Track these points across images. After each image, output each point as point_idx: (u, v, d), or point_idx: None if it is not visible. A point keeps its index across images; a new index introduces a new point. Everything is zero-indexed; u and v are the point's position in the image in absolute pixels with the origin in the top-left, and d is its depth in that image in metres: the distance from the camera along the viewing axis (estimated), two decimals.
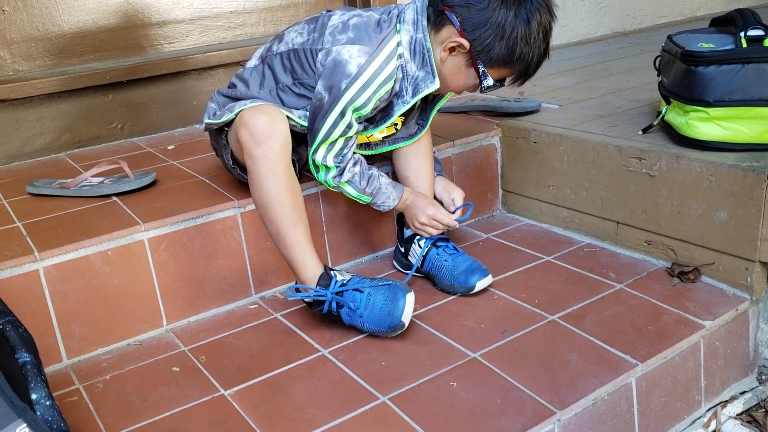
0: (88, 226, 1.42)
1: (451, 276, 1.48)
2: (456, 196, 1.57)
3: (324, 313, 1.35)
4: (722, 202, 1.40)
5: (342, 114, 1.34)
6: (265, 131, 1.30)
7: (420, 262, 1.55)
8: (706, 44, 1.45)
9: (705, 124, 1.45)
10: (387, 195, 1.50)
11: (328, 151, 1.39)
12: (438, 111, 2.08)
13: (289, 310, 1.50)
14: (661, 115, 1.60)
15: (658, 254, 1.56)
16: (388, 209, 1.52)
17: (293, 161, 1.43)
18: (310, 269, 1.35)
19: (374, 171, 1.48)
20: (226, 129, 1.48)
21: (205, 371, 1.31)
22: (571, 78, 2.36)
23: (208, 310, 1.52)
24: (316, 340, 1.37)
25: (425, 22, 1.36)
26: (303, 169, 1.63)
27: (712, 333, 1.33)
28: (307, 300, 1.38)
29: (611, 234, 1.66)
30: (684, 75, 1.47)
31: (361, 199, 1.49)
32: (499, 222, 1.89)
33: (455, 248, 1.54)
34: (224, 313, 1.52)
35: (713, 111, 1.43)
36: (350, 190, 1.47)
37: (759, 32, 1.41)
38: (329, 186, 1.46)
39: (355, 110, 1.35)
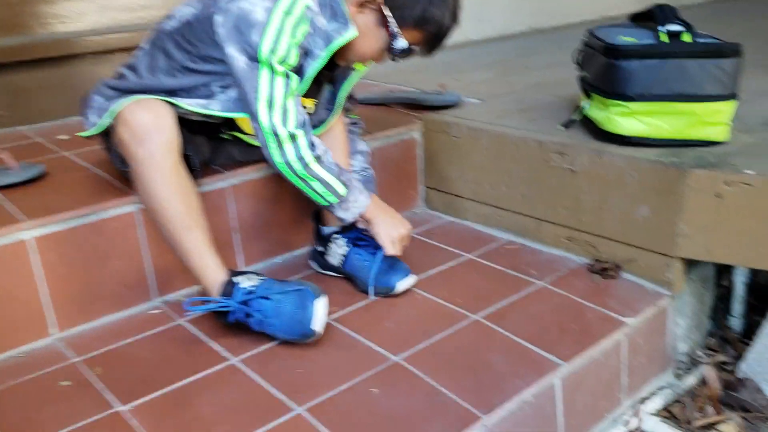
0: None
1: (372, 277, 1.41)
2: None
3: (231, 323, 1.25)
4: (644, 198, 1.39)
5: (271, 68, 1.21)
6: (146, 128, 1.17)
7: (340, 262, 1.46)
8: (627, 38, 1.44)
9: (626, 119, 1.44)
10: (359, 190, 1.34)
11: (285, 117, 1.23)
12: (359, 102, 2.02)
13: (194, 315, 1.38)
14: (581, 109, 1.59)
15: (580, 251, 1.55)
16: (358, 213, 1.34)
17: (189, 157, 1.31)
18: (212, 276, 1.24)
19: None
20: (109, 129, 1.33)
21: (99, 385, 1.17)
22: (491, 72, 2.33)
23: (103, 317, 1.37)
24: (226, 348, 1.26)
25: None
26: (211, 163, 1.51)
27: (634, 330, 1.32)
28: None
29: (532, 230, 1.63)
30: (606, 68, 1.45)
31: (333, 192, 1.30)
32: (421, 219, 1.83)
33: (376, 247, 1.46)
34: (122, 320, 1.38)
35: (634, 106, 1.42)
36: (324, 175, 1.28)
37: (678, 27, 1.41)
38: (297, 171, 1.26)
39: (282, 61, 1.22)
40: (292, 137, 1.24)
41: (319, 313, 1.20)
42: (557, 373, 1.17)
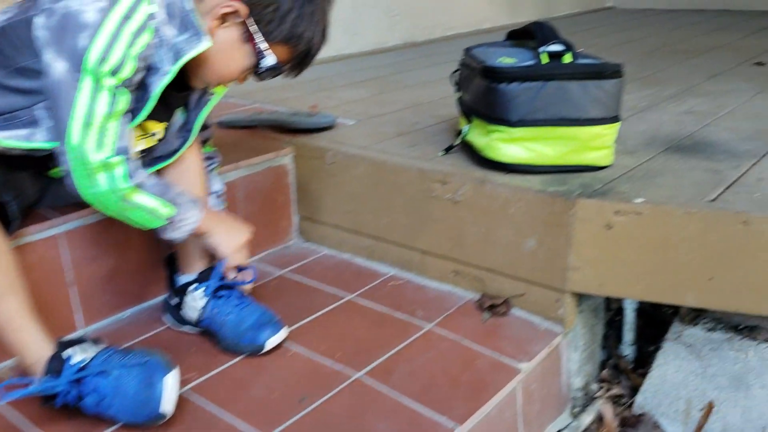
0: None
1: (236, 333, 1.22)
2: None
3: (59, 407, 1.02)
4: (530, 230, 1.30)
5: (97, 81, 0.99)
6: None
7: (198, 317, 1.26)
8: (507, 59, 1.34)
9: (508, 145, 1.34)
10: (192, 203, 1.15)
11: (101, 141, 1.01)
12: (219, 125, 1.82)
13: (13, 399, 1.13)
14: (462, 134, 1.48)
15: (467, 285, 1.43)
16: (191, 229, 1.15)
17: (4, 205, 1.07)
18: (34, 352, 1.01)
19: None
20: None
21: None
22: (365, 90, 2.20)
23: None
24: None
25: None
26: (39, 206, 1.27)
27: (528, 376, 1.21)
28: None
29: (417, 264, 1.50)
30: (485, 92, 1.34)
31: (158, 216, 1.11)
32: (296, 254, 1.66)
33: (240, 296, 1.27)
34: None
35: (516, 131, 1.32)
36: (146, 201, 1.09)
37: (559, 47, 1.33)
38: (110, 205, 1.07)
39: (113, 73, 0.99)
40: (106, 166, 1.02)
41: (170, 390, 1.00)
42: None
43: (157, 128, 1.22)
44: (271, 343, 1.21)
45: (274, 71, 1.15)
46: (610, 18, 4.10)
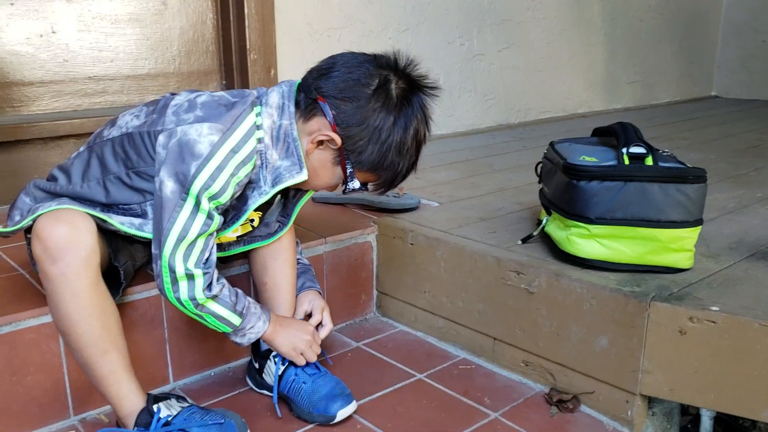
0: None
1: (309, 402, 1.29)
2: (322, 330, 1.40)
3: None
4: (603, 328, 1.31)
5: (197, 204, 1.12)
6: (61, 245, 1.06)
7: (276, 383, 1.34)
8: (588, 157, 1.39)
9: (586, 241, 1.37)
10: (257, 316, 1.26)
11: (188, 255, 1.13)
12: (312, 200, 1.94)
13: None
14: (541, 225, 1.52)
15: (536, 377, 1.44)
16: (255, 338, 1.26)
17: (126, 267, 1.21)
18: (127, 405, 1.12)
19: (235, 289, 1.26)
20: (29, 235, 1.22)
21: None
22: (454, 172, 2.28)
23: None
24: None
25: (293, 109, 1.19)
26: (147, 267, 1.40)
27: None
28: None
29: (488, 350, 1.53)
30: (566, 188, 1.39)
31: (227, 323, 1.21)
32: (373, 327, 1.73)
33: (317, 367, 1.35)
34: None
35: (595, 228, 1.35)
36: (218, 310, 1.19)
37: (641, 150, 1.36)
38: (188, 308, 1.17)
39: (211, 198, 1.13)
40: (189, 276, 1.14)
41: None
42: None
43: (255, 216, 1.34)
44: (342, 414, 1.27)
45: (359, 191, 1.26)
46: (711, 108, 4.04)
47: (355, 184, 1.22)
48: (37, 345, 1.25)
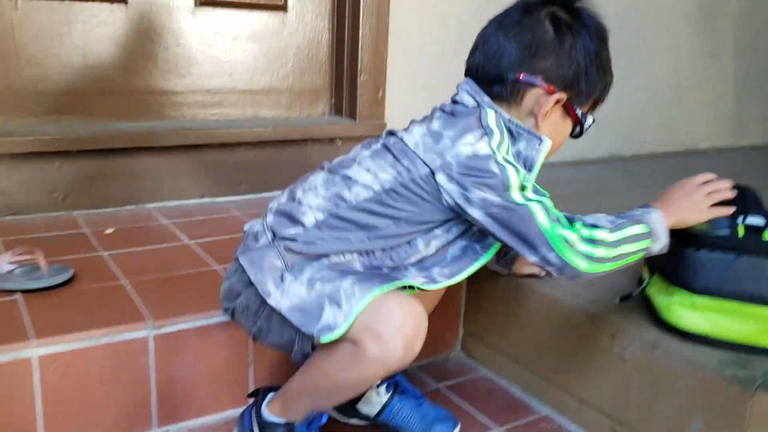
0: None
1: (423, 426, 1.33)
2: None
3: None
4: (699, 409, 1.22)
5: (522, 190, 1.10)
6: (412, 340, 1.04)
7: (377, 412, 1.36)
8: (699, 224, 1.30)
9: (688, 311, 1.28)
10: (641, 211, 1.18)
11: (556, 220, 1.11)
12: None
13: None
14: (642, 286, 1.44)
15: None
16: (665, 230, 1.17)
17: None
18: None
19: None
20: None
21: None
22: (558, 207, 2.20)
23: None
24: None
25: (487, 99, 1.18)
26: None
27: None
28: None
29: (573, 411, 1.47)
30: (672, 252, 1.30)
31: (641, 237, 1.14)
32: (455, 368, 1.70)
33: (417, 395, 1.38)
34: None
35: (699, 299, 1.26)
36: (619, 233, 1.12)
37: (759, 221, 1.25)
38: (590, 267, 1.10)
39: (523, 184, 1.11)
40: (567, 239, 1.10)
41: None
42: None
43: None
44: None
45: (592, 124, 1.27)
46: None
47: (589, 120, 1.24)
48: (130, 357, 1.30)
